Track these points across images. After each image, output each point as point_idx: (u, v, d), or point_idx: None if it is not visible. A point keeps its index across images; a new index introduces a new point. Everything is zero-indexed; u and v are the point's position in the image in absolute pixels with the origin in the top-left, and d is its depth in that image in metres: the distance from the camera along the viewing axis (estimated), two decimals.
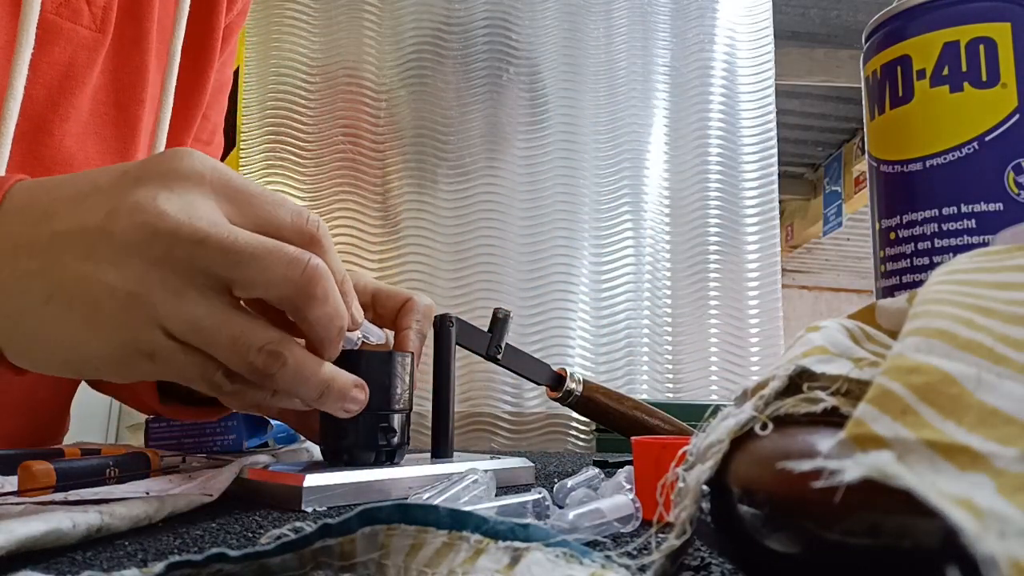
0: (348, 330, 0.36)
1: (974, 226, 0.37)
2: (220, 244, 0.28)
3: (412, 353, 0.45)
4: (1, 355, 0.31)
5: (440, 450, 0.50)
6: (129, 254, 0.28)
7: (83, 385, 0.65)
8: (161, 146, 0.53)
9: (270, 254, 0.29)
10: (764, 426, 0.19)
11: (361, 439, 0.42)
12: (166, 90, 0.53)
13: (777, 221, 1.16)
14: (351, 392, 0.36)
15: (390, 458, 0.43)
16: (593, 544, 0.28)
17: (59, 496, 0.33)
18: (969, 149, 0.38)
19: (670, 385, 1.09)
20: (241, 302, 0.31)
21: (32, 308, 0.29)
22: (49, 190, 0.30)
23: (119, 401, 0.56)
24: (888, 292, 0.41)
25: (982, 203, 0.37)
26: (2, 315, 0.30)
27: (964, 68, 0.39)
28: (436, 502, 0.31)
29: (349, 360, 0.43)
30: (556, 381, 0.60)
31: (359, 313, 0.37)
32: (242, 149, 1.14)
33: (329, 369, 0.34)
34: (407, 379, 0.44)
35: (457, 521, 0.21)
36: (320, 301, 0.31)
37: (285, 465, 0.42)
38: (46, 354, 0.31)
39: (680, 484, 0.21)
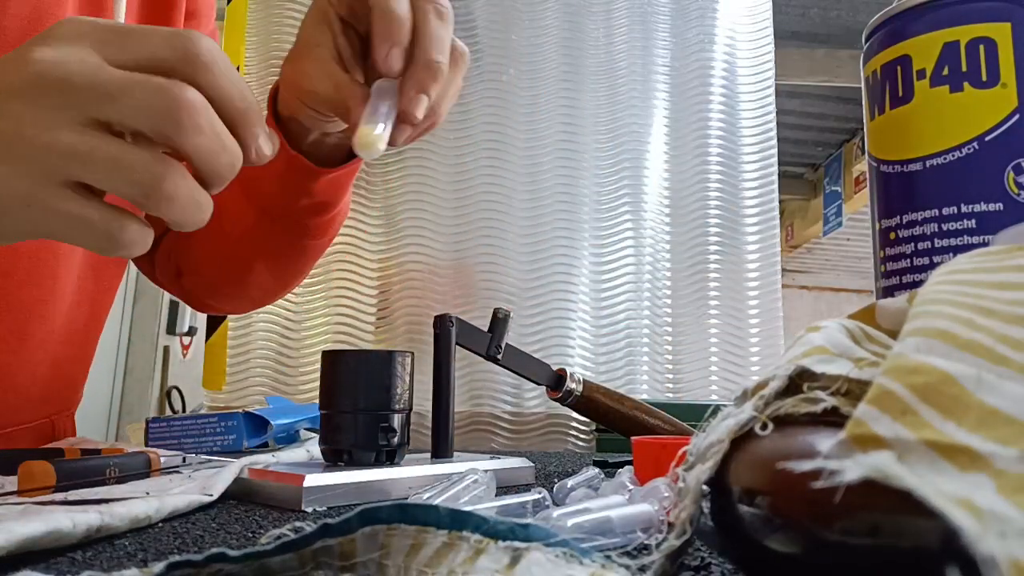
0: (252, 163, 0.34)
1: (974, 226, 0.37)
2: (85, 81, 0.29)
3: (412, 353, 0.45)
4: None
5: (440, 450, 0.50)
6: (7, 100, 0.29)
7: (83, 387, 0.66)
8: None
9: (136, 85, 0.29)
10: (764, 426, 0.19)
11: (361, 439, 0.42)
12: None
13: (777, 221, 1.16)
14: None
15: (390, 458, 0.43)
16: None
17: (59, 496, 0.33)
18: (969, 149, 0.38)
19: (670, 385, 1.09)
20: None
21: None
22: None
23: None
24: (888, 292, 0.41)
25: (982, 203, 0.37)
26: None
27: (964, 68, 0.39)
28: (436, 502, 0.31)
29: (348, 360, 0.43)
30: (556, 381, 0.60)
31: (266, 144, 0.34)
32: None
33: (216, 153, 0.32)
34: (407, 379, 0.44)
35: (457, 521, 0.21)
36: (193, 131, 0.30)
37: (285, 465, 0.42)
38: None
39: (680, 484, 0.21)
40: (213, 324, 1.29)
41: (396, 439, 0.43)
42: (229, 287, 0.63)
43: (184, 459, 0.48)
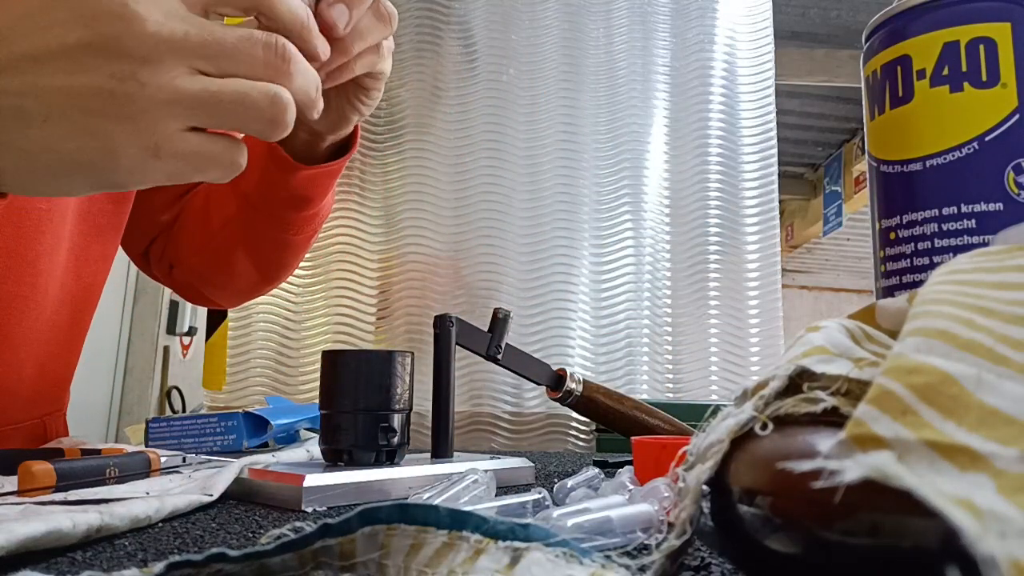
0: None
1: (974, 226, 0.37)
2: (201, 37, 0.30)
3: (412, 353, 0.45)
4: None
5: (440, 450, 0.50)
6: (120, 59, 0.29)
7: (83, 387, 0.66)
8: None
9: (247, 43, 0.31)
10: (764, 426, 0.19)
11: (361, 439, 0.42)
12: None
13: (777, 221, 1.16)
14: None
15: (390, 458, 0.43)
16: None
17: (59, 496, 0.33)
18: (969, 149, 0.38)
19: (670, 385, 1.09)
20: None
21: (31, 129, 0.29)
22: None
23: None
24: (888, 292, 0.41)
25: (982, 203, 0.37)
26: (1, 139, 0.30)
27: (964, 68, 0.39)
28: (436, 502, 0.31)
29: (348, 360, 0.43)
30: (556, 381, 0.60)
31: (326, 48, 0.36)
32: None
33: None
34: (407, 379, 0.44)
35: (457, 521, 0.21)
36: (296, 72, 0.32)
37: (285, 465, 0.42)
38: (58, 173, 0.31)
39: (680, 484, 0.21)
40: (213, 324, 1.29)
41: (396, 439, 0.43)
42: (216, 277, 0.65)
43: (184, 459, 0.48)
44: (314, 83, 0.34)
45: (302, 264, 1.08)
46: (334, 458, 0.42)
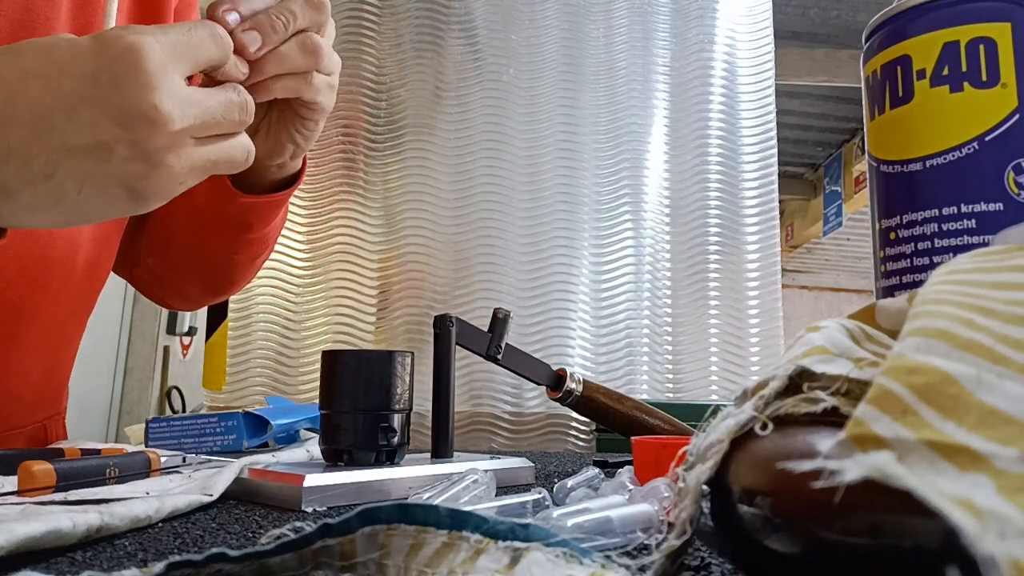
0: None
1: (974, 226, 0.37)
2: (204, 117, 0.35)
3: (412, 353, 0.45)
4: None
5: (440, 450, 0.50)
6: (146, 150, 0.33)
7: (83, 387, 0.66)
8: None
9: (229, 107, 0.36)
10: (764, 426, 0.19)
11: (361, 439, 0.42)
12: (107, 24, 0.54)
13: (777, 221, 1.16)
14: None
15: (390, 458, 0.43)
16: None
17: (59, 496, 0.33)
18: (969, 149, 0.38)
19: (670, 385, 1.09)
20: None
21: (67, 199, 0.33)
22: (8, 97, 0.31)
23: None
24: (888, 292, 0.41)
25: (982, 203, 0.37)
26: (37, 206, 0.33)
27: (964, 68, 0.39)
28: (436, 502, 0.31)
29: (348, 360, 0.43)
30: (556, 381, 0.60)
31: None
32: None
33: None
34: (407, 379, 0.44)
35: (457, 521, 0.21)
36: (253, 110, 0.38)
37: (285, 465, 0.42)
38: (87, 221, 0.36)
39: (680, 484, 0.21)
40: (213, 324, 1.29)
41: (396, 439, 0.43)
42: (168, 280, 0.67)
43: (184, 459, 0.48)
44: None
45: (302, 264, 1.08)
46: (334, 458, 0.42)
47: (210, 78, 0.38)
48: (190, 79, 0.36)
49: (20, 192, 0.32)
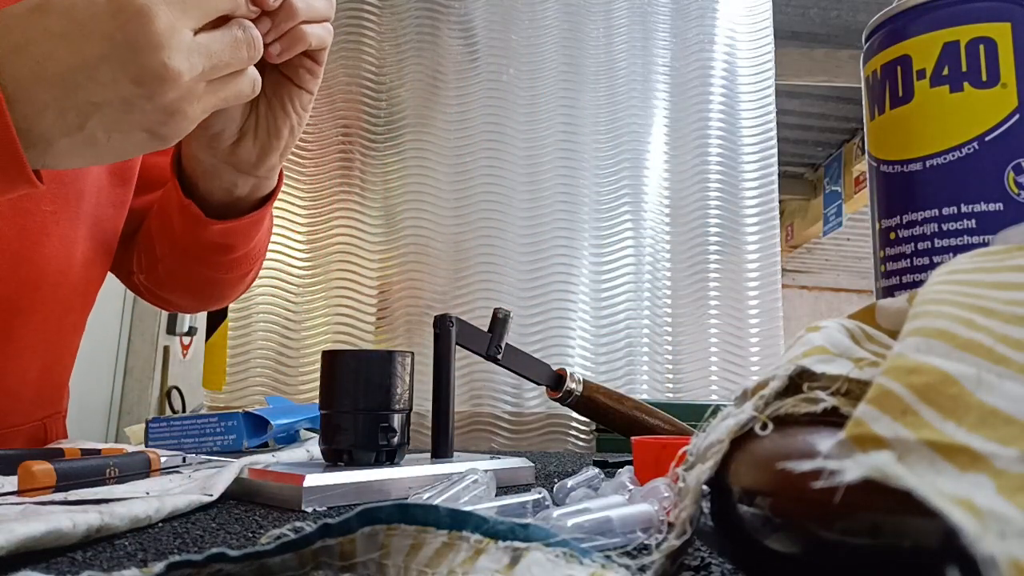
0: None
1: (974, 226, 0.37)
2: (212, 63, 0.37)
3: (412, 353, 0.45)
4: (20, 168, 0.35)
5: (440, 450, 0.50)
6: (161, 102, 0.36)
7: (83, 387, 0.66)
8: None
9: (236, 47, 0.38)
10: (764, 426, 0.19)
11: (361, 439, 0.42)
12: None
13: (777, 221, 1.16)
14: None
15: (390, 458, 0.43)
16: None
17: (59, 496, 0.33)
18: (969, 149, 0.38)
19: (670, 385, 1.09)
20: None
21: (98, 144, 0.36)
22: (36, 56, 0.34)
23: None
24: (888, 292, 0.41)
25: (982, 203, 0.37)
26: (74, 146, 0.36)
27: (964, 68, 0.39)
28: (436, 502, 0.31)
29: (348, 360, 0.43)
30: (556, 381, 0.60)
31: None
32: None
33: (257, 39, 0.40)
34: (407, 379, 0.44)
35: (457, 521, 0.21)
36: (261, 46, 0.39)
37: (285, 465, 0.42)
38: (116, 157, 0.38)
39: (680, 484, 0.21)
40: (213, 324, 1.29)
41: (396, 439, 0.43)
42: (160, 293, 0.67)
43: (184, 459, 0.48)
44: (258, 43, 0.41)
45: (302, 264, 1.08)
46: (334, 458, 0.42)
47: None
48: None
49: (58, 141, 0.35)
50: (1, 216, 0.50)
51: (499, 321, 0.56)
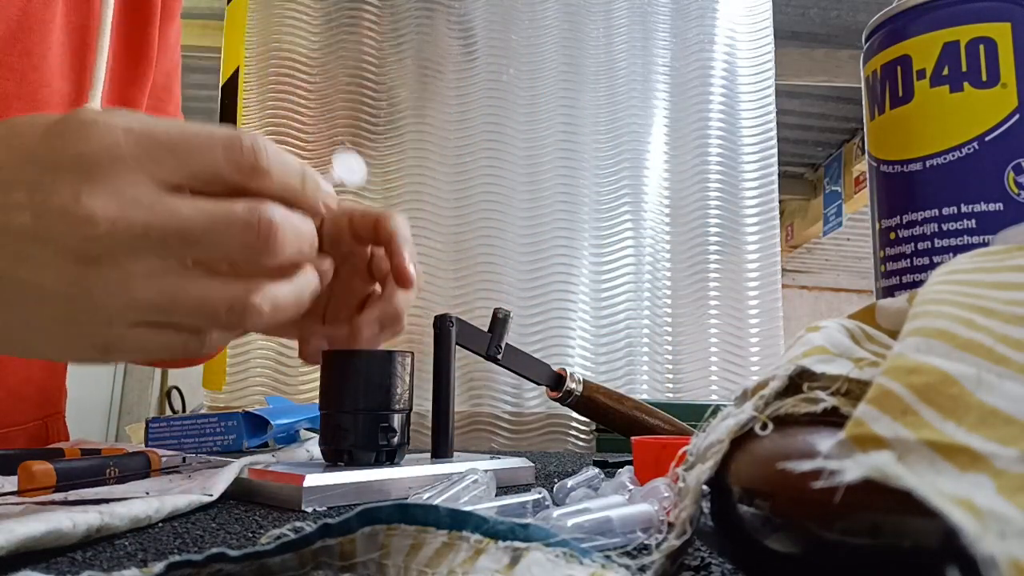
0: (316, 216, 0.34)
1: (974, 226, 0.37)
2: (164, 228, 0.26)
3: (412, 353, 0.45)
4: None
5: (440, 450, 0.50)
6: (65, 259, 0.26)
7: (83, 387, 0.66)
8: (97, 93, 0.53)
9: (220, 225, 0.27)
10: (764, 426, 0.19)
11: (361, 439, 0.42)
12: (101, 31, 0.53)
13: (777, 221, 1.16)
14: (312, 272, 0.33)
15: (390, 458, 0.43)
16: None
17: (59, 496, 0.33)
18: (969, 149, 0.38)
19: (670, 385, 1.09)
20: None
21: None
22: None
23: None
24: (888, 292, 0.41)
25: (982, 203, 0.37)
26: None
27: (964, 68, 0.39)
28: (436, 502, 0.31)
29: (348, 360, 0.43)
30: (556, 381, 0.60)
31: (331, 199, 0.33)
32: None
33: (299, 294, 0.31)
34: (407, 379, 0.44)
35: (457, 521, 0.21)
36: (281, 249, 0.29)
37: (285, 465, 0.42)
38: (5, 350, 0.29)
39: (680, 484, 0.21)
40: None
41: (396, 439, 0.43)
42: None
43: (184, 459, 0.48)
44: (311, 285, 0.31)
45: None
46: (334, 458, 0.42)
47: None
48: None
49: None
50: None
51: (499, 321, 0.56)
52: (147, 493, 0.34)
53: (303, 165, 0.31)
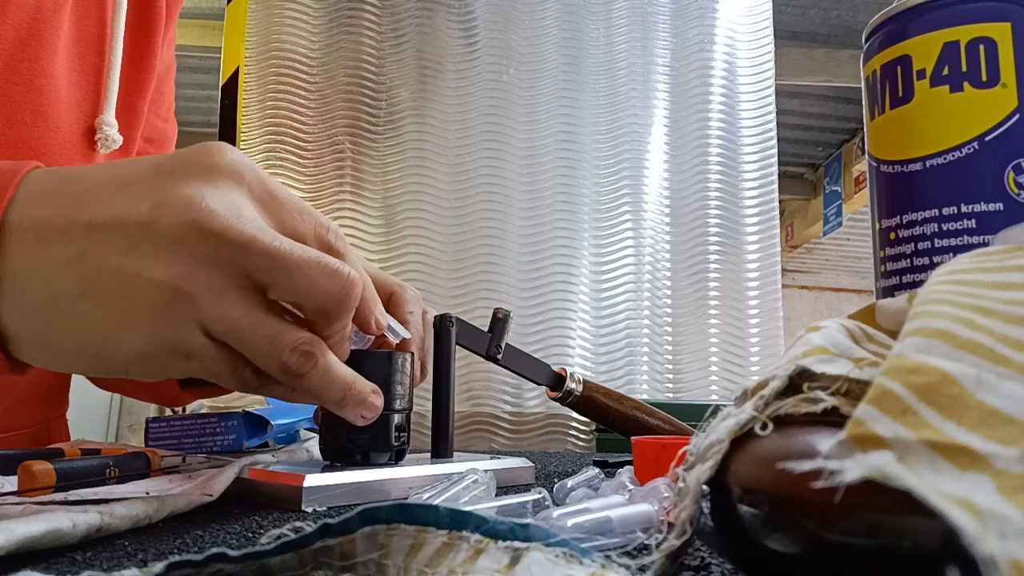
0: (367, 332, 0.37)
1: (974, 226, 0.37)
2: (266, 250, 0.28)
3: (412, 353, 0.45)
4: (5, 352, 0.30)
5: (440, 450, 0.50)
6: (175, 250, 0.27)
7: (83, 387, 0.66)
8: (112, 99, 0.54)
9: (315, 264, 0.29)
10: (764, 426, 0.19)
11: (376, 440, 0.42)
12: (114, 39, 0.53)
13: (777, 221, 1.16)
14: (369, 398, 0.36)
15: (399, 457, 0.43)
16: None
17: (59, 496, 0.33)
18: (969, 149, 0.38)
19: (670, 385, 1.09)
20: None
21: (62, 301, 0.27)
22: (71, 178, 0.29)
23: (121, 394, 0.58)
24: (888, 292, 0.41)
25: (982, 203, 0.37)
26: (27, 307, 0.28)
27: (964, 68, 0.39)
28: (436, 502, 0.31)
29: (350, 360, 0.43)
30: (556, 381, 0.60)
31: (383, 317, 0.37)
32: (242, 149, 1.14)
33: (352, 374, 0.35)
34: (408, 379, 0.44)
35: (457, 521, 0.21)
36: (350, 312, 0.32)
37: (285, 465, 0.42)
38: (71, 351, 0.29)
39: (680, 484, 0.21)
40: None
41: (396, 439, 0.42)
42: None
43: (184, 459, 0.48)
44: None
45: None
46: (345, 459, 0.42)
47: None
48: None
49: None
50: None
51: (499, 321, 0.56)
52: (147, 493, 0.34)
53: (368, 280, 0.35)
